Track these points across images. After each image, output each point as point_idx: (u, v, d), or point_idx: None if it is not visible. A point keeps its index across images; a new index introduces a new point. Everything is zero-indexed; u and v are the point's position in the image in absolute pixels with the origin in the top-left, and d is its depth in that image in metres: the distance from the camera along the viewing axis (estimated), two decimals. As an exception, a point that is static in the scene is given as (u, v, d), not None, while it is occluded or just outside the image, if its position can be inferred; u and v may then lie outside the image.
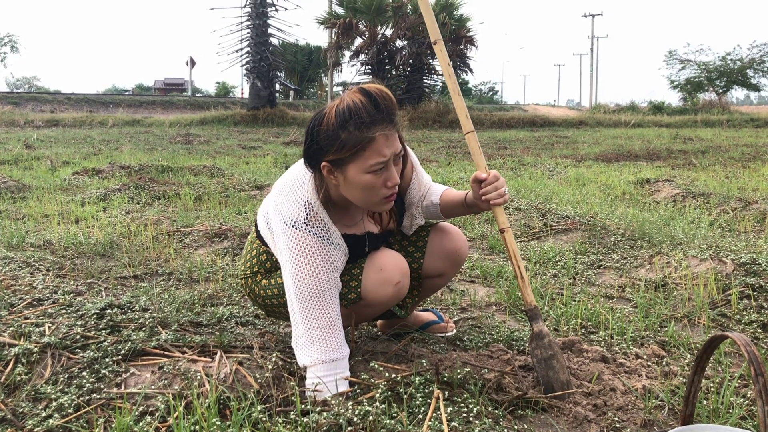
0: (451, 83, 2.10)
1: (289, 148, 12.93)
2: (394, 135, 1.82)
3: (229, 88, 61.04)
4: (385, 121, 1.78)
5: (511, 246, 2.02)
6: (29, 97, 34.48)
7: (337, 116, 1.76)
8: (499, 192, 1.99)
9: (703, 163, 9.26)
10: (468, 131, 2.06)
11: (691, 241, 3.88)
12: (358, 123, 1.74)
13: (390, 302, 2.07)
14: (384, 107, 1.78)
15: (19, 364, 1.90)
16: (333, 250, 1.92)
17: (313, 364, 1.86)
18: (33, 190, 6.26)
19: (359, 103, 1.75)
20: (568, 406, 1.85)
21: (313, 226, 1.89)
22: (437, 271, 2.27)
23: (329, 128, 1.78)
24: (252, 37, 25.08)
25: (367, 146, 1.77)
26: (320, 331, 1.87)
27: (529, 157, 10.87)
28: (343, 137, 1.75)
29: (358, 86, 1.81)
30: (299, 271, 1.87)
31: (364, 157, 1.78)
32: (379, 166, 1.80)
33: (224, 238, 4.08)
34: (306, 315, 1.88)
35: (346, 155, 1.78)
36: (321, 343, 1.86)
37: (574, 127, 23.99)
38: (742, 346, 1.25)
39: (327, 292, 1.89)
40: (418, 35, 25.84)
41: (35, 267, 3.23)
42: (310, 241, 1.88)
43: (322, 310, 1.88)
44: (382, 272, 2.02)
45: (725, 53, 38.38)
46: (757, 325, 2.51)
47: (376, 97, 1.77)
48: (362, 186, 1.83)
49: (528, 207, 5.03)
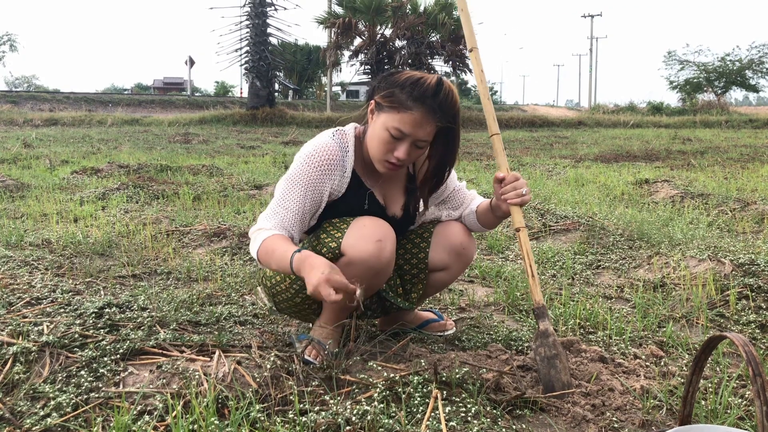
0: (482, 88, 2.19)
1: (288, 147, 12.93)
2: (429, 125, 1.95)
3: (228, 87, 61.01)
4: (432, 110, 1.93)
5: (525, 245, 2.05)
6: (28, 96, 34.46)
7: (408, 77, 1.97)
8: (517, 192, 2.05)
9: (702, 164, 9.27)
10: (494, 133, 2.14)
11: (689, 241, 3.89)
12: (412, 91, 1.92)
13: (370, 260, 2.00)
14: (440, 102, 1.94)
15: (17, 362, 1.90)
16: (339, 171, 2.07)
17: (268, 229, 2.01)
18: (32, 189, 6.26)
19: (427, 82, 1.94)
20: (566, 406, 1.85)
21: (338, 139, 2.08)
22: (442, 263, 2.27)
23: (396, 79, 1.98)
24: (251, 37, 25.08)
25: (402, 111, 1.93)
26: (291, 214, 2.04)
27: (528, 157, 10.88)
28: (396, 91, 1.95)
29: (443, 75, 2.08)
30: (305, 158, 2.04)
31: (394, 117, 1.94)
32: (397, 132, 1.95)
33: (223, 238, 4.08)
34: (285, 195, 2.04)
35: (386, 104, 1.96)
36: (280, 219, 2.04)
37: (573, 128, 24.01)
38: (740, 347, 1.25)
39: (316, 186, 2.04)
40: (417, 35, 25.85)
41: (34, 266, 3.23)
42: (329, 143, 2.06)
43: (302, 202, 2.04)
44: (364, 228, 2.04)
45: (724, 54, 38.44)
46: (755, 326, 2.52)
47: (443, 91, 1.94)
48: (378, 137, 1.99)
49: (527, 207, 5.03)
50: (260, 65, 24.91)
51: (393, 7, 25.57)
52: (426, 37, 26.37)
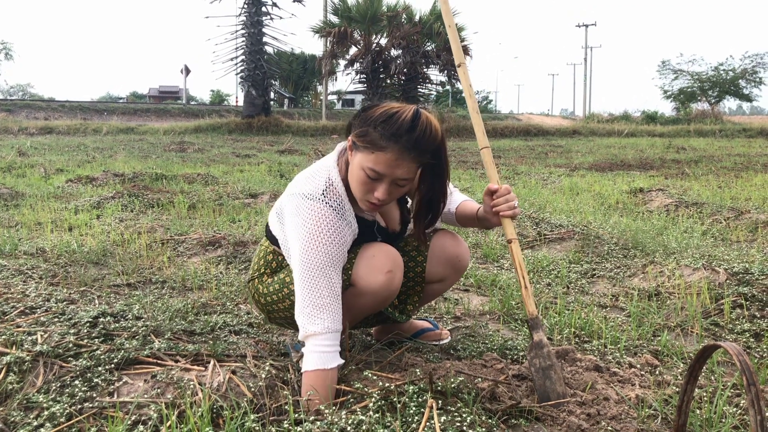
0: (471, 102, 2.18)
1: (284, 156, 12.93)
2: (407, 163, 1.87)
3: (223, 96, 61.05)
4: (408, 148, 1.84)
5: (517, 256, 2.05)
6: (23, 105, 34.40)
7: (382, 112, 1.87)
8: (509, 205, 2.05)
9: (696, 173, 9.30)
10: (483, 146, 2.14)
11: (684, 250, 3.90)
12: (385, 129, 1.83)
13: (380, 292, 2.03)
14: (417, 138, 1.84)
15: (10, 372, 1.89)
16: (345, 226, 1.97)
17: (322, 332, 1.88)
18: (26, 197, 6.24)
19: (402, 117, 1.84)
20: (561, 415, 1.85)
21: (330, 199, 1.95)
22: (438, 275, 2.28)
23: (369, 115, 1.89)
24: (247, 46, 25.11)
25: (376, 151, 1.85)
26: (329, 300, 1.90)
27: (523, 166, 10.91)
28: (369, 130, 1.86)
29: (424, 107, 1.93)
30: (312, 240, 1.91)
31: (368, 158, 1.87)
32: (373, 173, 1.87)
33: (218, 247, 4.07)
34: (314, 283, 1.90)
35: (361, 144, 1.88)
36: (330, 312, 1.89)
37: (567, 137, 24.08)
38: (735, 356, 1.25)
39: (336, 262, 1.93)
40: (412, 44, 25.93)
41: (28, 275, 3.22)
42: (325, 212, 1.93)
43: (331, 279, 1.91)
44: (374, 259, 2.03)
45: (718, 63, 38.80)
46: (749, 335, 2.52)
47: (419, 126, 1.84)
48: (356, 177, 1.92)
49: (522, 216, 5.04)
50: (256, 74, 24.93)
51: (389, 17, 25.67)
52: (421, 46, 26.46)
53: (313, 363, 1.87)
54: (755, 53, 39.32)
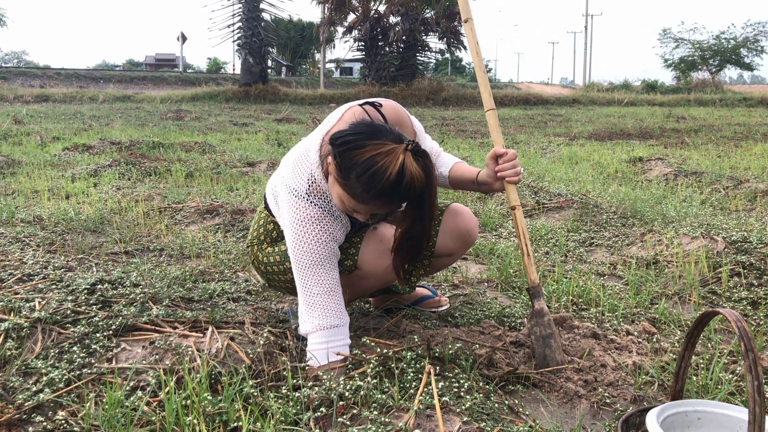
0: (477, 61, 2.12)
1: (282, 124, 12.86)
2: (388, 207, 1.82)
3: (220, 64, 60.49)
4: (390, 202, 1.77)
5: (521, 223, 2.03)
6: (18, 72, 34.07)
7: (366, 163, 1.69)
8: (516, 170, 2.01)
9: (696, 142, 9.27)
10: (489, 108, 2.09)
11: (682, 219, 3.90)
12: (368, 187, 1.70)
13: (386, 276, 2.07)
14: (402, 193, 1.72)
15: (9, 338, 1.89)
16: (332, 222, 1.93)
17: (313, 330, 1.88)
18: (23, 165, 6.20)
19: (386, 177, 1.67)
20: (558, 381, 1.86)
21: (314, 197, 1.91)
22: (448, 250, 2.23)
23: (353, 157, 1.71)
24: (244, 12, 24.79)
25: (356, 199, 1.76)
26: (319, 298, 1.89)
27: (522, 135, 10.85)
28: (352, 178, 1.71)
29: (414, 151, 1.71)
30: (299, 240, 1.90)
31: (348, 198, 1.77)
32: (352, 211, 1.83)
33: (216, 215, 4.06)
34: (305, 282, 1.91)
35: (341, 182, 1.76)
36: (321, 309, 1.89)
37: (567, 106, 23.94)
38: (733, 322, 1.25)
39: (325, 260, 1.91)
40: (411, 11, 25.63)
41: (25, 242, 3.21)
42: (310, 211, 1.90)
43: (320, 277, 1.90)
44: (382, 243, 2.03)
45: (719, 32, 38.32)
46: (746, 303, 2.53)
47: (404, 185, 1.69)
48: (336, 195, 1.83)
49: (520, 184, 5.02)
50: (253, 41, 24.66)
51: (387, -18, 25.35)
52: (420, 13, 26.16)
53: (311, 360, 1.89)
54: (757, 21, 38.88)
